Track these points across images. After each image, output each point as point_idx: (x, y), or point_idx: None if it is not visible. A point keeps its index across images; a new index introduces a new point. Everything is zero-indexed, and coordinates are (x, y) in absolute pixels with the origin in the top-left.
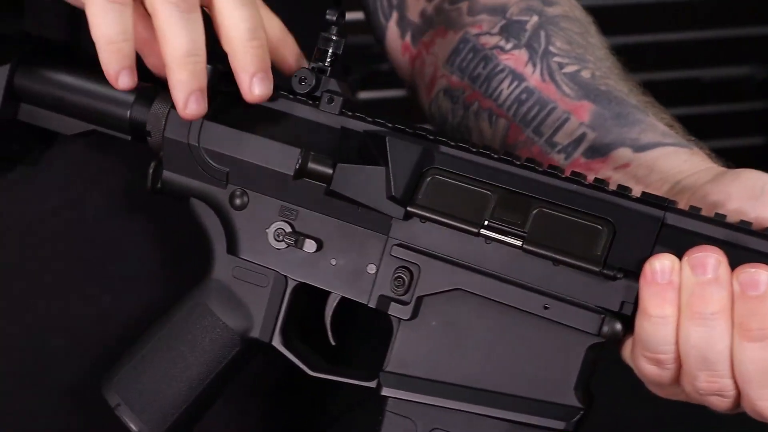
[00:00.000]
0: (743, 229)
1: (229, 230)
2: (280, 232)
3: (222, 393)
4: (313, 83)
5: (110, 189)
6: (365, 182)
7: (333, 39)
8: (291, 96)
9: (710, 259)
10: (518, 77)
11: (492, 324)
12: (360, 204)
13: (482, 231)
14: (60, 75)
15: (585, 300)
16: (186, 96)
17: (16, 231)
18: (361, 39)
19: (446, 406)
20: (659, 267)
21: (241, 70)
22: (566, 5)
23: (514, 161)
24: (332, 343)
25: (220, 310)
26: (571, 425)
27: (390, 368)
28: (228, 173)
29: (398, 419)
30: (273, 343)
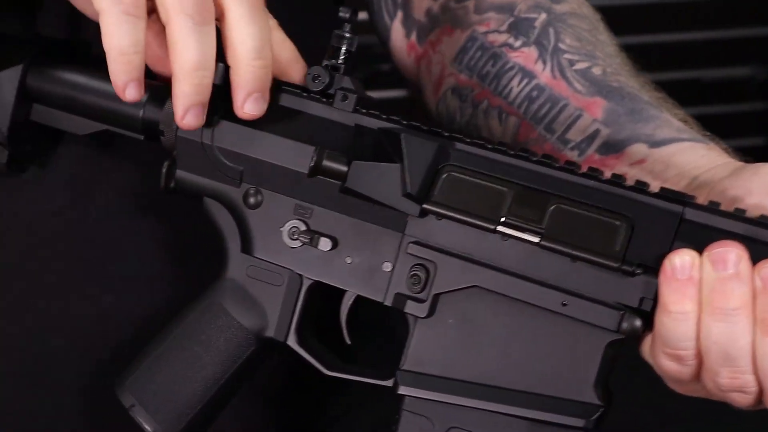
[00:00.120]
0: (764, 224)
1: (243, 229)
2: (295, 231)
3: (237, 393)
4: (327, 81)
5: (111, 189)
6: (380, 180)
7: (346, 36)
8: (305, 94)
9: (731, 255)
10: (528, 74)
11: (509, 321)
12: (375, 201)
13: (499, 228)
14: (72, 75)
15: (603, 296)
16: (185, 108)
17: (17, 231)
18: (362, 39)
19: (463, 405)
20: (679, 263)
21: (239, 87)
22: (574, 2)
23: (531, 157)
24: (348, 342)
25: (235, 310)
26: (591, 423)
27: (407, 366)
28: (242, 172)
29: (415, 418)
30: (288, 343)
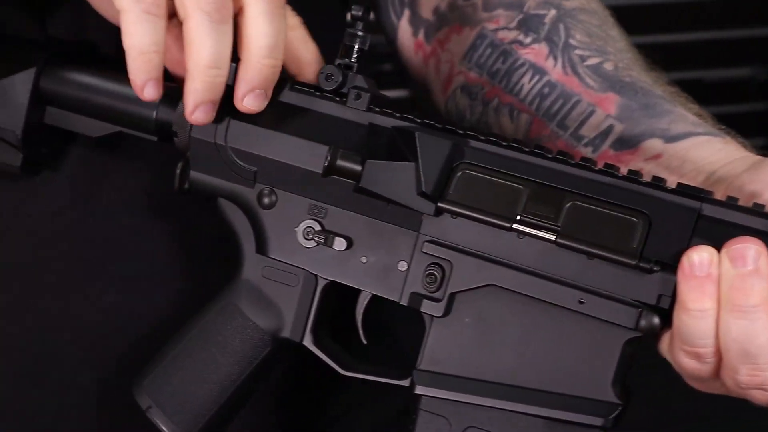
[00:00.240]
0: None
1: (258, 230)
2: (310, 231)
3: (253, 394)
4: (340, 80)
5: (111, 189)
6: (395, 178)
7: (359, 35)
8: (318, 93)
9: (750, 251)
10: (539, 71)
11: (526, 320)
12: (390, 201)
13: (515, 225)
14: (85, 77)
15: (621, 294)
16: (195, 105)
17: (17, 231)
18: None
19: (480, 404)
20: (698, 259)
21: (243, 80)
22: None
23: (546, 154)
24: (364, 342)
25: (251, 311)
26: (609, 422)
27: (423, 366)
28: (256, 172)
29: (432, 417)
30: (304, 343)
